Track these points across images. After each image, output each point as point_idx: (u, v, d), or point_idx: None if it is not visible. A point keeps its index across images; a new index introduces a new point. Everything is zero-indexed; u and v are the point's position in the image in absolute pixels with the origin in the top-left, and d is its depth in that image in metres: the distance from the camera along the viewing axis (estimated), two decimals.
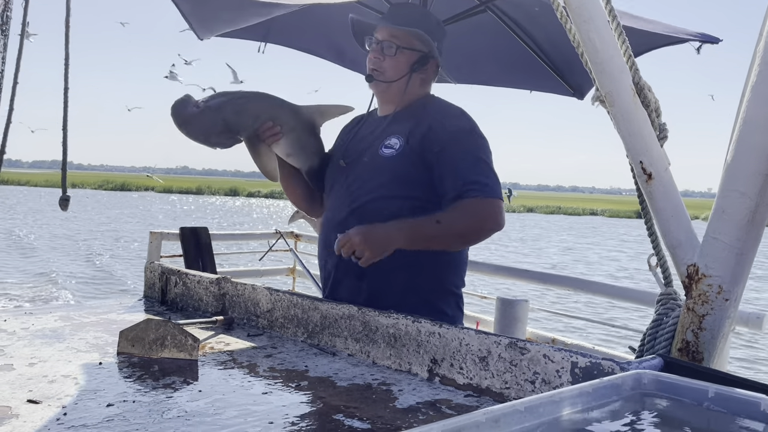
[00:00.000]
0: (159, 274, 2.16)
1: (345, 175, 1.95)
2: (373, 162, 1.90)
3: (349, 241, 1.71)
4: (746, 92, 1.23)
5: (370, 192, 1.88)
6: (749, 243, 1.26)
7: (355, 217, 1.85)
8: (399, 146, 1.87)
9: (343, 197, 1.93)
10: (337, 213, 1.93)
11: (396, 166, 1.86)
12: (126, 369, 1.39)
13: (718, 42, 2.65)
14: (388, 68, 1.94)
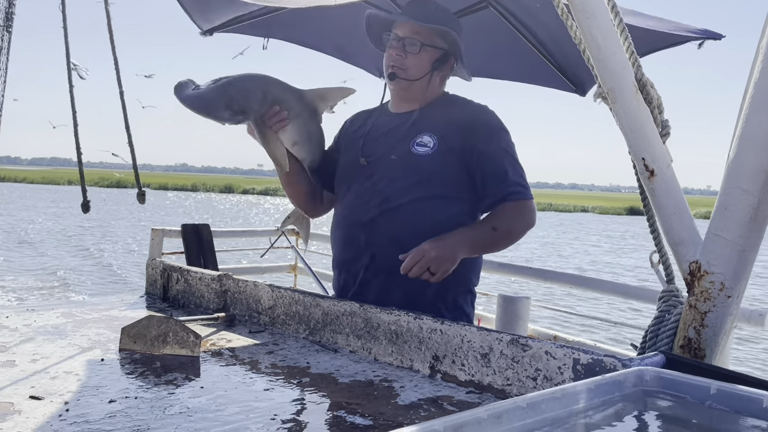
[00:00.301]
0: (161, 270, 2.16)
1: (367, 174, 1.88)
2: (405, 160, 1.85)
3: (425, 257, 1.67)
4: (749, 89, 1.23)
5: (405, 192, 1.83)
6: (751, 240, 1.26)
7: (389, 218, 1.82)
8: (433, 144, 1.84)
9: (369, 196, 1.86)
10: (363, 213, 1.86)
11: (432, 164, 1.83)
12: (128, 365, 1.39)
13: (720, 38, 2.64)
14: (410, 66, 1.88)
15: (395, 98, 1.99)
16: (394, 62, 1.89)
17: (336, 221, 1.99)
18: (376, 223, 1.83)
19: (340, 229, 1.95)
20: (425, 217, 1.82)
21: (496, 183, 1.84)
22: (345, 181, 1.95)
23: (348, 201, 1.93)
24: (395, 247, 1.77)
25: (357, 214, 1.88)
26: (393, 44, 1.90)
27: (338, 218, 1.97)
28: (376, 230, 1.83)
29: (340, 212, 1.97)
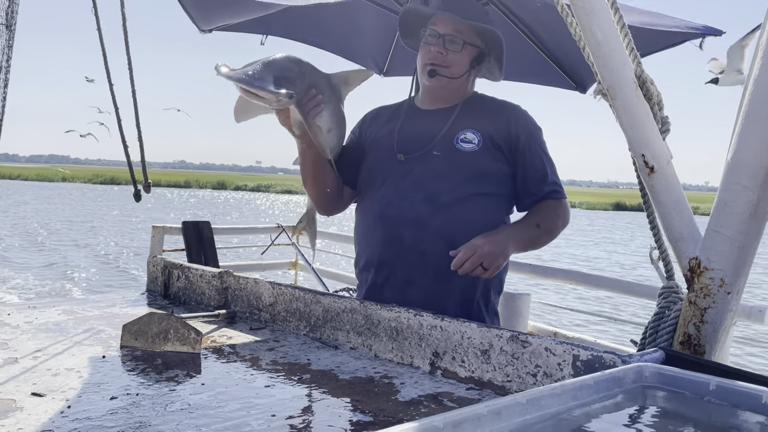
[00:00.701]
0: (162, 268, 2.16)
1: (406, 169, 1.84)
2: (450, 156, 1.82)
3: (478, 253, 1.66)
4: (748, 85, 1.23)
5: (454, 188, 1.81)
6: (751, 236, 1.26)
7: (440, 215, 1.79)
8: (478, 141, 1.84)
9: (412, 193, 1.81)
10: (407, 209, 1.80)
11: (479, 161, 1.83)
12: (129, 362, 1.39)
13: (721, 34, 2.64)
14: (452, 63, 1.86)
15: (429, 95, 1.94)
16: (435, 59, 1.85)
17: (368, 218, 1.90)
18: (425, 221, 1.78)
19: (377, 226, 1.86)
20: (475, 214, 1.83)
21: (537, 182, 1.90)
22: (377, 177, 1.88)
23: (385, 197, 1.85)
24: (446, 244, 1.76)
25: (399, 210, 1.81)
26: (431, 41, 1.86)
27: (372, 215, 1.88)
28: (425, 227, 1.79)
29: (374, 209, 1.88)
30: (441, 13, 1.87)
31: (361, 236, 1.94)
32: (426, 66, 1.87)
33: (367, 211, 1.92)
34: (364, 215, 1.93)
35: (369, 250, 1.89)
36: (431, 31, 1.86)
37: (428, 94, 1.95)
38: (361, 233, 1.94)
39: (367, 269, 1.90)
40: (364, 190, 1.93)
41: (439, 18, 1.86)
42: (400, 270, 1.82)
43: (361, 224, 1.95)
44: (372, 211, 1.88)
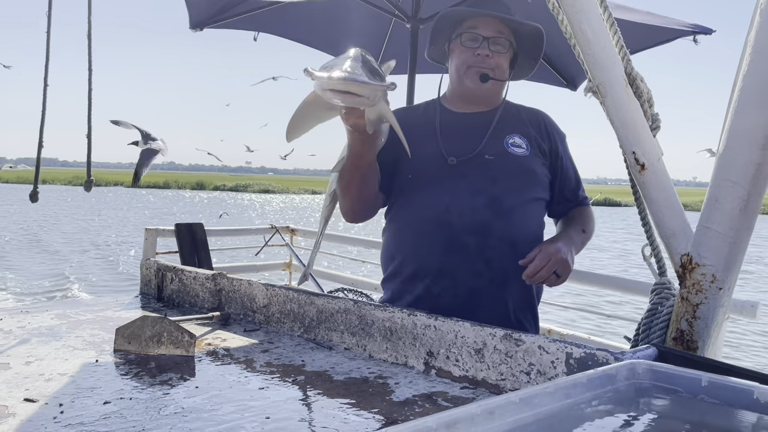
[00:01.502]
0: (155, 270, 2.16)
1: (458, 173, 1.76)
2: (503, 161, 1.78)
3: (552, 260, 1.64)
4: (737, 82, 1.24)
5: (514, 193, 1.77)
6: (742, 232, 1.27)
7: (504, 221, 1.74)
8: (526, 146, 1.83)
9: (472, 197, 1.74)
10: (468, 215, 1.73)
11: (531, 166, 1.82)
12: (122, 366, 1.39)
13: (711, 33, 2.66)
14: (498, 66, 1.83)
15: (467, 99, 1.87)
16: (483, 63, 1.81)
17: (419, 225, 1.78)
18: (489, 226, 1.73)
19: (434, 234, 1.75)
20: (533, 219, 1.82)
21: (572, 188, 1.93)
22: (425, 181, 1.78)
23: (440, 202, 1.75)
24: (512, 251, 1.73)
25: (460, 216, 1.73)
26: (473, 44, 1.81)
27: (426, 222, 1.76)
28: (490, 234, 1.73)
29: (426, 215, 1.77)
30: (483, 13, 1.83)
31: (407, 244, 1.82)
32: (471, 69, 1.82)
33: (416, 217, 1.79)
34: (413, 222, 1.80)
35: (422, 258, 1.77)
36: (472, 34, 1.82)
37: (467, 98, 1.88)
38: (408, 241, 1.82)
39: (419, 279, 1.78)
40: (407, 195, 1.81)
41: (479, 20, 1.82)
42: (463, 278, 1.73)
43: (407, 231, 1.82)
44: (425, 217, 1.77)
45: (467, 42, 1.82)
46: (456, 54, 1.86)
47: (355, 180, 1.73)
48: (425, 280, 1.76)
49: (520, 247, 1.74)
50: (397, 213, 1.87)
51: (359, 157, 1.65)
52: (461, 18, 1.85)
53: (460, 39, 1.84)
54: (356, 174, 1.71)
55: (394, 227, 1.87)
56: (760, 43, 1.20)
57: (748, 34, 1.24)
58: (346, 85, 1.35)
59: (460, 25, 1.85)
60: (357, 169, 1.69)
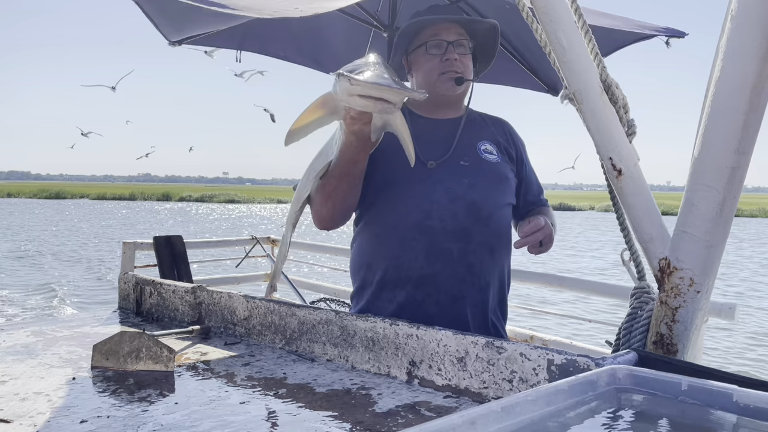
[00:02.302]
0: (133, 284, 2.13)
1: (436, 179, 1.75)
2: (478, 166, 1.79)
3: (544, 229, 1.69)
4: (710, 87, 1.25)
5: (491, 199, 1.78)
6: (718, 235, 1.28)
7: (484, 226, 1.75)
8: (497, 153, 1.86)
9: (451, 203, 1.74)
10: (451, 221, 1.72)
11: (504, 172, 1.85)
12: (100, 383, 1.36)
13: (683, 36, 2.70)
14: (465, 68, 1.84)
15: (439, 105, 1.87)
16: (453, 67, 1.81)
17: (399, 232, 1.75)
18: (471, 232, 1.74)
19: (416, 240, 1.73)
20: (508, 225, 1.86)
21: (535, 192, 1.98)
22: (400, 187, 1.75)
23: (419, 208, 1.73)
24: (490, 257, 1.76)
25: (442, 222, 1.72)
26: (438, 51, 1.82)
27: (407, 228, 1.74)
28: (471, 239, 1.74)
29: (407, 221, 1.74)
30: (444, 18, 1.85)
31: (386, 251, 1.77)
32: (443, 75, 1.81)
33: (396, 223, 1.76)
34: (392, 228, 1.76)
35: (404, 265, 1.74)
36: (436, 41, 1.82)
37: (439, 104, 1.87)
38: (387, 248, 1.77)
39: (400, 286, 1.75)
40: (384, 200, 1.77)
41: (440, 26, 1.83)
42: (446, 285, 1.73)
43: (386, 238, 1.78)
44: (405, 223, 1.74)
45: (432, 49, 1.82)
46: (421, 63, 1.85)
47: (342, 186, 1.70)
48: (407, 288, 1.74)
49: (496, 253, 1.79)
50: (372, 219, 1.82)
51: (353, 163, 1.63)
52: (420, 28, 1.85)
53: (424, 48, 1.84)
54: (345, 180, 1.68)
55: (370, 234, 1.83)
56: (731, 48, 1.22)
57: (720, 40, 1.26)
58: (384, 91, 1.32)
59: (419, 36, 1.86)
60: (347, 175, 1.67)
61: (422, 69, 1.85)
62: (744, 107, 1.20)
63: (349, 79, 1.32)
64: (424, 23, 1.84)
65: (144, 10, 2.71)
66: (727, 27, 1.23)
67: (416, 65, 1.87)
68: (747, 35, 1.19)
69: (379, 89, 1.32)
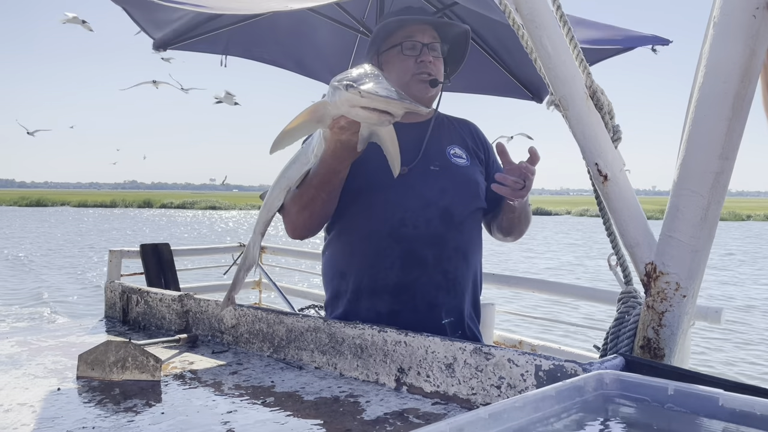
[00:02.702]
0: (120, 293, 2.11)
1: (408, 185, 1.73)
2: (449, 171, 1.78)
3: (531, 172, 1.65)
4: (693, 93, 1.26)
5: (462, 204, 1.78)
6: (703, 240, 1.29)
7: (457, 232, 1.75)
8: (466, 156, 1.85)
9: (424, 209, 1.73)
10: (425, 227, 1.72)
11: (474, 176, 1.84)
12: (85, 394, 1.35)
13: (668, 44, 2.72)
14: (439, 71, 1.83)
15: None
16: (427, 69, 1.79)
17: (374, 240, 1.74)
18: (445, 238, 1.73)
19: (391, 248, 1.72)
20: (479, 229, 1.86)
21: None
22: (373, 193, 1.74)
23: (393, 216, 1.72)
24: (464, 262, 1.77)
25: (416, 229, 1.71)
26: (412, 52, 1.80)
27: (382, 236, 1.72)
28: (446, 245, 1.74)
29: (381, 229, 1.73)
30: (420, 19, 1.84)
31: (361, 260, 1.76)
32: (416, 76, 1.79)
33: (370, 231, 1.74)
34: (367, 236, 1.75)
35: (380, 273, 1.73)
36: (411, 42, 1.81)
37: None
38: (362, 256, 1.76)
39: (375, 295, 1.73)
40: (356, 208, 1.75)
41: (415, 27, 1.82)
42: (422, 292, 1.72)
43: (360, 246, 1.76)
44: (379, 231, 1.73)
45: (407, 50, 1.80)
46: (395, 63, 1.82)
47: (321, 196, 1.67)
48: (384, 296, 1.73)
49: (470, 257, 1.79)
50: (345, 227, 1.80)
51: (334, 173, 1.60)
52: (395, 28, 1.83)
53: (400, 48, 1.81)
54: (325, 189, 1.65)
55: (343, 242, 1.81)
56: (714, 55, 1.23)
57: (703, 47, 1.27)
58: (391, 104, 1.30)
59: (393, 36, 1.83)
60: (327, 184, 1.64)
61: (395, 69, 1.82)
62: (727, 113, 1.21)
63: (359, 91, 1.29)
64: (400, 23, 1.83)
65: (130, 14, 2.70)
66: (710, 34, 1.24)
67: (389, 65, 1.84)
68: (729, 42, 1.20)
69: (387, 102, 1.29)
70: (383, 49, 1.86)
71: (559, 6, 1.40)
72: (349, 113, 1.37)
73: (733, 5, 1.20)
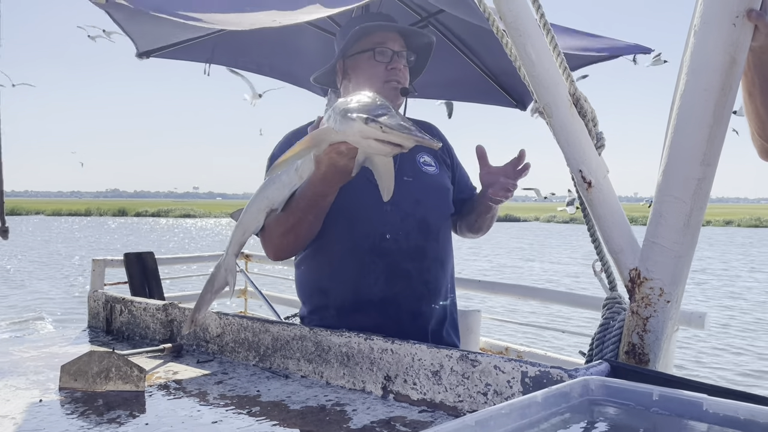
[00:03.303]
0: (103, 302, 2.09)
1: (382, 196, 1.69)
2: (420, 181, 1.78)
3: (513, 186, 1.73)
4: (675, 101, 1.28)
5: (436, 213, 1.79)
6: (686, 245, 1.31)
7: (435, 242, 1.77)
8: (435, 163, 1.86)
9: (402, 221, 1.72)
10: (404, 240, 1.72)
11: (444, 182, 1.86)
12: (68, 405, 1.33)
13: (650, 52, 2.75)
14: (407, 79, 1.83)
15: None
16: (397, 77, 1.78)
17: (357, 255, 1.72)
18: (425, 249, 1.74)
19: (374, 263, 1.71)
20: (450, 234, 1.88)
21: (469, 192, 1.99)
22: (351, 208, 1.70)
23: (373, 229, 1.71)
24: (442, 270, 1.79)
25: (396, 243, 1.71)
26: (383, 59, 1.79)
27: (364, 251, 1.71)
28: (426, 256, 1.75)
29: (362, 244, 1.72)
30: (390, 27, 1.83)
31: (344, 275, 1.74)
32: (387, 83, 1.78)
33: (351, 246, 1.73)
34: (348, 252, 1.73)
35: (364, 288, 1.72)
36: (383, 48, 1.79)
37: None
38: (344, 272, 1.74)
39: (360, 310, 1.72)
40: (333, 224, 1.70)
41: (387, 34, 1.81)
42: (406, 304, 1.73)
43: (342, 262, 1.74)
44: (361, 246, 1.72)
45: (379, 56, 1.78)
46: (364, 69, 1.80)
47: (308, 218, 1.62)
48: (369, 311, 1.71)
49: (447, 265, 1.83)
50: (324, 244, 1.75)
51: (323, 196, 1.56)
52: (365, 33, 1.81)
53: (372, 54, 1.79)
54: (312, 212, 1.61)
55: (323, 258, 1.78)
56: (695, 63, 1.24)
57: (684, 55, 1.29)
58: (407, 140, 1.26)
59: (362, 41, 1.80)
60: (315, 207, 1.59)
61: (365, 75, 1.80)
62: (708, 120, 1.23)
63: (380, 125, 1.25)
64: (372, 29, 1.81)
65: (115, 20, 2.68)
66: (691, 42, 1.26)
67: (357, 70, 1.81)
68: (710, 50, 1.22)
69: (405, 138, 1.26)
70: (351, 53, 1.83)
71: (543, 14, 1.42)
72: (359, 143, 1.33)
73: (713, 14, 1.22)
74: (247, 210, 1.65)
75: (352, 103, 1.34)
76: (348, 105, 1.34)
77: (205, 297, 1.68)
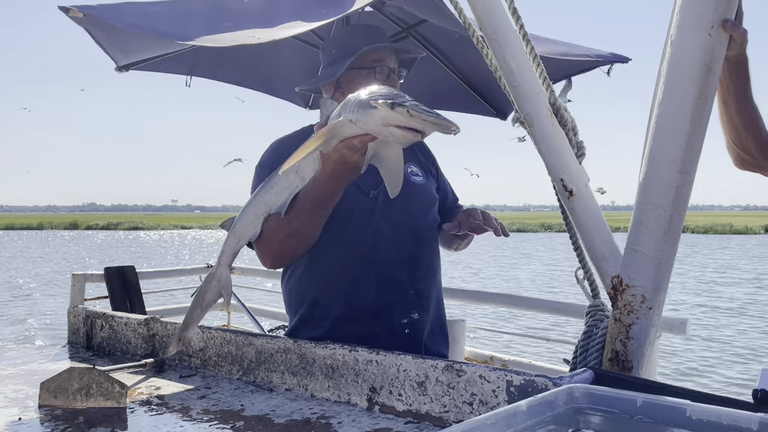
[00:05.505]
0: (83, 318, 2.06)
1: (373, 206, 1.73)
2: (410, 191, 1.74)
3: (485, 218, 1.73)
4: (653, 110, 1.30)
5: (426, 222, 1.81)
6: (667, 252, 1.32)
7: (426, 252, 1.79)
8: (422, 173, 1.88)
9: (393, 231, 1.73)
10: (396, 250, 1.73)
11: (431, 192, 1.87)
12: (48, 423, 1.31)
13: (627, 61, 2.79)
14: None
15: None
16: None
17: (348, 265, 1.72)
18: (416, 259, 1.76)
19: (367, 273, 1.71)
20: (437, 244, 1.89)
21: (452, 200, 2.02)
22: (342, 217, 1.68)
23: (365, 239, 1.71)
24: (433, 278, 1.82)
25: (388, 252, 1.72)
26: (381, 76, 1.80)
27: (356, 261, 1.71)
28: (417, 266, 1.77)
29: (354, 253, 1.71)
30: (390, 47, 1.86)
31: (335, 286, 1.74)
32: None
33: (342, 257, 1.72)
34: (339, 262, 1.73)
35: (356, 299, 1.71)
36: (382, 66, 1.81)
37: None
38: (336, 283, 1.74)
39: (353, 320, 1.71)
40: (325, 233, 1.65)
41: (384, 51, 1.83)
42: (399, 313, 1.73)
43: (333, 273, 1.74)
44: (352, 256, 1.71)
45: (379, 75, 1.80)
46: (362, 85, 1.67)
47: (313, 221, 1.57)
48: (362, 321, 1.70)
49: (437, 273, 1.85)
50: (315, 254, 1.72)
51: (330, 197, 1.52)
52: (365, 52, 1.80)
53: (372, 72, 1.80)
54: (318, 214, 1.56)
55: (314, 269, 1.77)
56: (672, 72, 1.26)
57: (661, 64, 1.31)
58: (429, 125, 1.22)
59: (360, 58, 1.80)
60: (321, 209, 1.55)
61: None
62: (686, 128, 1.25)
63: (407, 109, 1.21)
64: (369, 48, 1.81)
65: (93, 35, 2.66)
66: (668, 51, 1.28)
67: (352, 85, 1.77)
68: (686, 59, 1.24)
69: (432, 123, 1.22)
70: (348, 68, 1.82)
71: (522, 25, 1.43)
72: (380, 132, 1.29)
73: (689, 24, 1.24)
74: (242, 217, 1.59)
75: (369, 94, 1.31)
76: (365, 96, 1.31)
77: (194, 313, 1.60)
